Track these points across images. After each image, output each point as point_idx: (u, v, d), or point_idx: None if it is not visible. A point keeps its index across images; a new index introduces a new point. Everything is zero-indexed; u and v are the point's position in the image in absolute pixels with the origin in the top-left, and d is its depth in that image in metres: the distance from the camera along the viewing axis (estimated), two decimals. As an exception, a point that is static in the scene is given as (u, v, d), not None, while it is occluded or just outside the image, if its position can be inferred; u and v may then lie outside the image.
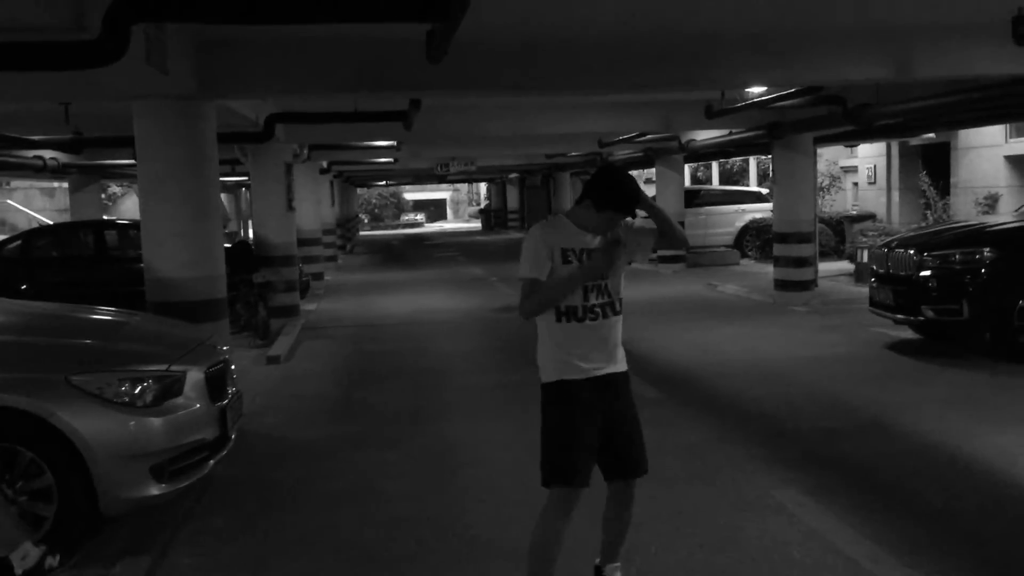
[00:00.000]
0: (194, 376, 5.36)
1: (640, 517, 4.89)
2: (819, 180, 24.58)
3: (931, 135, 18.09)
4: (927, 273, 9.44)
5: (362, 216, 58.43)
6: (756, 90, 11.55)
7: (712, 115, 12.98)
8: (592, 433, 3.88)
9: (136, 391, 5.02)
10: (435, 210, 72.88)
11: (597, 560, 4.19)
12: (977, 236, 9.57)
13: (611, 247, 3.80)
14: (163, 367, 5.25)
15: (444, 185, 66.34)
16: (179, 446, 5.13)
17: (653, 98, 14.24)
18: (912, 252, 9.70)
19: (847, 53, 8.64)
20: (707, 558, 4.71)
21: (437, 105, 13.65)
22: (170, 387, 5.20)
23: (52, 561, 4.39)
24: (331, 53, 8.09)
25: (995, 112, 11.74)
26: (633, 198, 3.82)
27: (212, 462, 5.48)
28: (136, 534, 5.21)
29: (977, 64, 8.51)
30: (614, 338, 4.02)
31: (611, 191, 3.84)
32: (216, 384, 5.58)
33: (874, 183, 23.63)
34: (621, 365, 4.05)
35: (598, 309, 3.93)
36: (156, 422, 5.03)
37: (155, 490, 5.02)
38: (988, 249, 9.22)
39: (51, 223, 23.48)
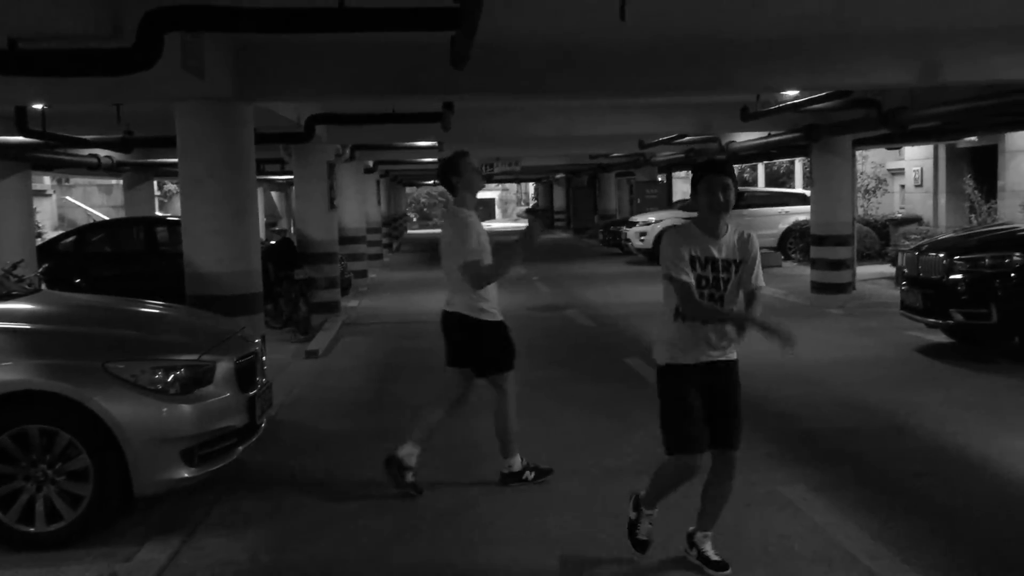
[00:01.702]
0: (224, 366, 5.64)
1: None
2: (865, 182, 24.47)
3: (973, 138, 17.87)
4: (957, 276, 9.45)
5: (410, 215, 58.96)
6: (790, 93, 11.60)
7: (747, 117, 13.03)
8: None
9: (168, 379, 5.30)
10: (484, 209, 73.07)
11: (691, 528, 4.61)
12: (1007, 240, 9.55)
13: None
14: (194, 357, 5.54)
15: (492, 185, 66.65)
16: (209, 432, 5.41)
17: (690, 100, 14.34)
18: (942, 256, 9.70)
19: (874, 58, 8.69)
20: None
21: (477, 107, 13.90)
22: (201, 376, 5.48)
23: None
24: (363, 58, 8.37)
25: (1033, 116, 11.66)
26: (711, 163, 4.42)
27: (241, 448, 5.75)
28: (167, 515, 5.50)
29: (1005, 69, 8.51)
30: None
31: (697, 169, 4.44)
32: (246, 374, 5.85)
33: (921, 186, 23.38)
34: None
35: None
36: (187, 408, 5.31)
37: (185, 473, 5.30)
38: (1018, 253, 9.19)
39: (106, 219, 24.18)
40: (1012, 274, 9.14)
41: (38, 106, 10.37)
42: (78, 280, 13.50)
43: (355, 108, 12.08)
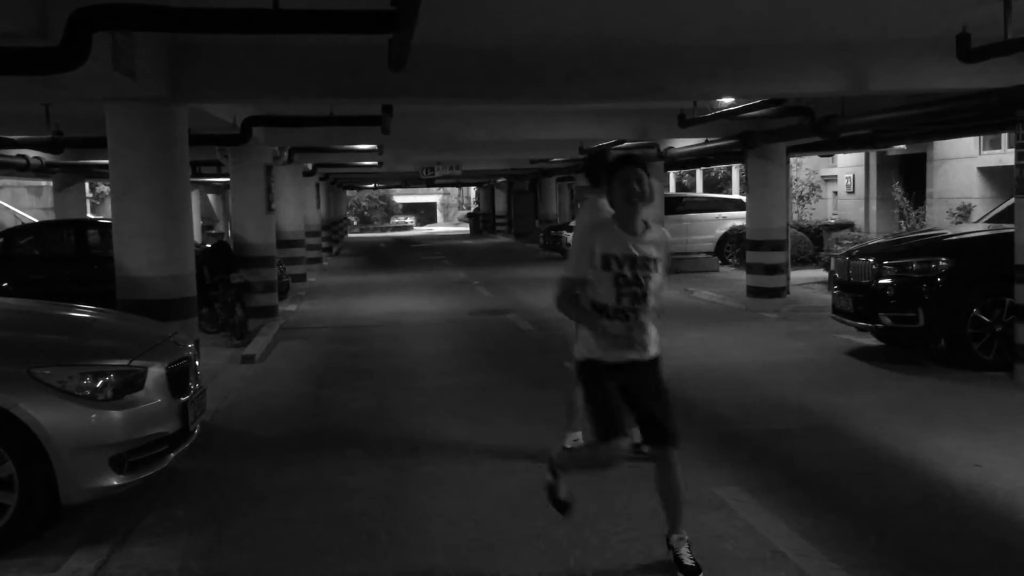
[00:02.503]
0: (156, 371, 5.54)
1: (578, 513, 5.13)
2: (799, 189, 24.95)
3: (903, 147, 18.36)
4: (885, 281, 9.68)
5: (351, 218, 58.58)
6: (726, 101, 11.79)
7: (685, 124, 13.21)
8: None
9: (97, 384, 5.20)
10: (425, 213, 73.12)
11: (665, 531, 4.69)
12: (934, 245, 9.81)
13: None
14: (125, 362, 5.44)
15: (434, 189, 66.61)
16: (139, 438, 5.32)
17: (629, 107, 14.50)
18: (872, 261, 9.94)
19: (804, 68, 8.89)
20: (644, 550, 4.91)
21: (417, 110, 13.87)
22: (131, 381, 5.38)
23: None
24: (301, 60, 8.30)
25: (953, 125, 12.03)
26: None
27: (173, 455, 5.66)
28: (97, 524, 5.39)
29: (926, 79, 8.76)
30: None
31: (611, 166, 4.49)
32: (178, 379, 5.76)
33: (853, 192, 23.93)
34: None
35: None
36: (116, 415, 5.22)
37: (115, 480, 5.20)
38: (944, 258, 9.45)
39: (35, 221, 23.57)
40: (938, 279, 9.39)
41: (-38, 105, 10.09)
42: (5, 284, 13.17)
43: (293, 110, 11.97)
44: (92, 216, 22.34)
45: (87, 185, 26.60)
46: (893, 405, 8.06)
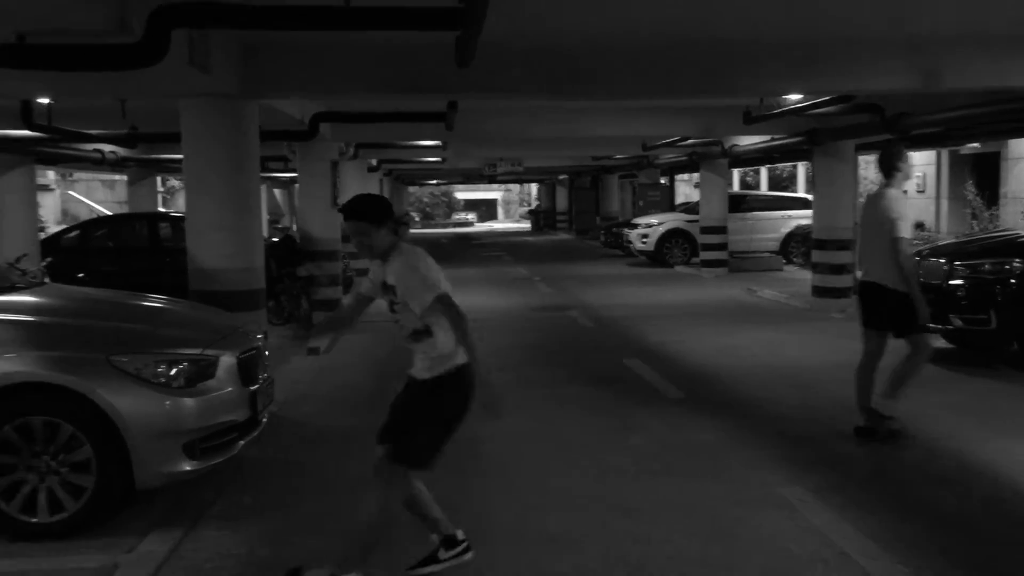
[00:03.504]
0: (227, 361, 5.68)
1: (641, 508, 5.14)
2: (868, 188, 24.48)
3: (976, 145, 17.90)
4: (957, 282, 9.47)
5: (413, 214, 59.02)
6: (793, 97, 11.64)
7: (750, 121, 13.06)
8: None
9: (172, 372, 5.35)
10: (486, 210, 73.34)
11: None
12: (1008, 246, 9.57)
13: None
14: (197, 351, 5.58)
15: (495, 185, 66.77)
16: (210, 426, 5.45)
17: (693, 103, 14.39)
18: (943, 261, 9.72)
19: (876, 63, 8.73)
20: (702, 547, 4.90)
21: (481, 107, 13.95)
22: (204, 370, 5.52)
23: None
24: (368, 57, 8.42)
25: (1033, 123, 11.70)
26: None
27: (242, 443, 5.79)
28: (169, 508, 5.55)
29: (1006, 76, 8.54)
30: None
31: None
32: (248, 369, 5.90)
33: (924, 192, 23.40)
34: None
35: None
36: (189, 402, 5.36)
37: (187, 466, 5.34)
38: (1018, 259, 9.21)
39: (109, 214, 24.24)
40: (1012, 280, 9.16)
41: (44, 101, 10.41)
42: (81, 275, 13.55)
43: (359, 107, 12.13)
44: (164, 210, 22.90)
45: (159, 180, 27.29)
46: (962, 408, 7.90)
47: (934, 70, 8.69)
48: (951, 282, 9.52)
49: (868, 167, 24.71)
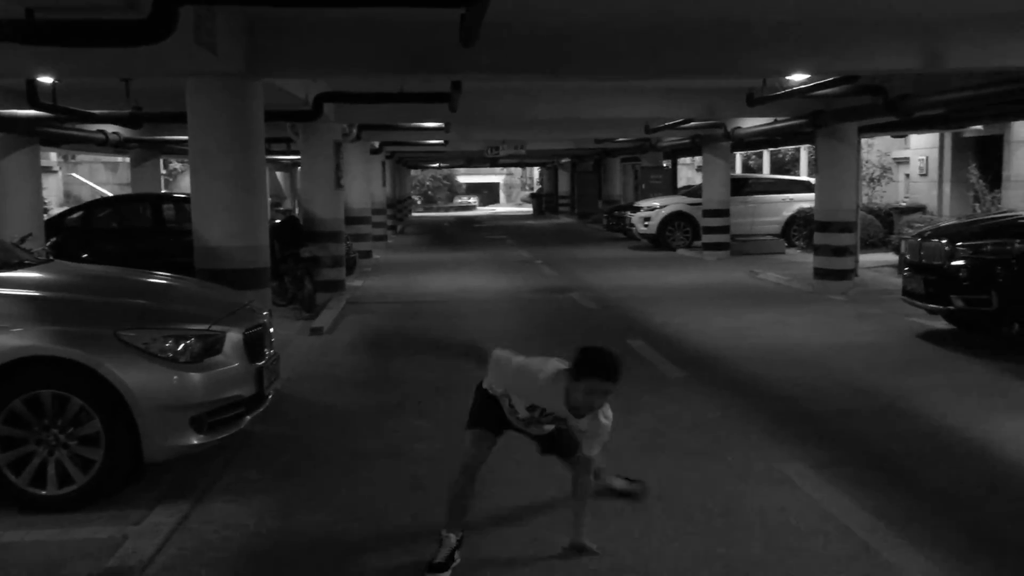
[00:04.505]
0: (233, 336, 5.73)
1: (650, 484, 5.19)
2: (870, 171, 24.47)
3: (979, 127, 17.88)
4: (958, 263, 9.51)
5: (415, 198, 58.99)
6: (796, 78, 11.62)
7: (753, 103, 13.06)
8: None
9: (179, 347, 5.40)
10: (488, 194, 73.27)
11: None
12: (1009, 227, 9.61)
13: None
14: (204, 327, 5.63)
15: (497, 169, 66.65)
16: (217, 400, 5.51)
17: (696, 85, 14.38)
18: (945, 242, 9.76)
19: (878, 43, 8.72)
20: (707, 521, 4.96)
21: (483, 88, 13.93)
22: (211, 345, 5.57)
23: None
24: (373, 35, 8.42)
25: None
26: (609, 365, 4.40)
27: (249, 418, 5.85)
28: (176, 482, 5.60)
29: (1010, 56, 8.54)
30: None
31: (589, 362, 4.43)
32: (254, 345, 5.95)
33: (926, 175, 23.39)
34: None
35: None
36: (196, 377, 5.41)
37: (194, 440, 5.40)
38: (1020, 240, 9.25)
39: (112, 195, 24.25)
40: (1013, 261, 9.19)
41: (48, 80, 10.42)
42: (85, 255, 13.57)
43: (364, 87, 12.14)
44: (167, 191, 22.91)
45: (162, 162, 27.30)
46: (964, 387, 7.95)
47: (936, 50, 8.69)
48: (953, 263, 9.57)
49: (870, 150, 24.71)
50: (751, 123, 17.91)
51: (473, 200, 66.83)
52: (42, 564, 4.50)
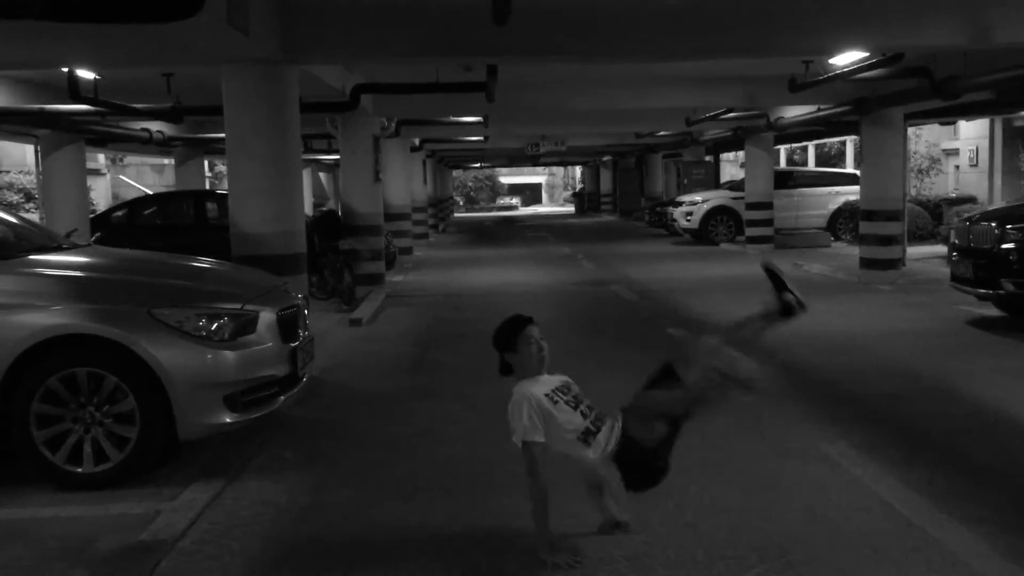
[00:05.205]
0: (267, 316, 5.74)
1: (685, 462, 5.09)
2: (918, 162, 24.03)
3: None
4: (1008, 245, 9.26)
5: (457, 198, 59.12)
6: (839, 62, 11.39)
7: (795, 88, 12.82)
8: None
9: (213, 326, 5.41)
10: (530, 194, 73.18)
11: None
12: (1062, 208, 9.33)
13: None
14: (238, 306, 5.64)
15: (539, 169, 66.60)
16: (251, 379, 5.52)
17: (735, 72, 14.16)
18: (994, 225, 9.51)
19: (919, 15, 8.47)
20: (744, 497, 4.86)
21: (520, 80, 13.84)
22: (244, 325, 5.58)
23: None
24: (406, 19, 8.41)
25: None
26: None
27: (283, 398, 5.85)
28: (210, 460, 5.63)
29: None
30: None
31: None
32: (288, 326, 5.95)
33: (976, 166, 22.90)
34: None
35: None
36: (230, 355, 5.42)
37: (228, 418, 5.41)
38: (1072, 221, 8.98)
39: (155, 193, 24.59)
40: (1065, 243, 8.93)
41: (89, 76, 10.55)
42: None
43: (399, 76, 12.14)
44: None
45: (206, 164, 27.63)
46: (1013, 372, 7.73)
47: (983, 23, 8.43)
48: (1003, 246, 9.31)
49: (919, 141, 24.25)
50: (794, 112, 17.63)
51: (515, 200, 66.80)
52: (76, 537, 4.52)
